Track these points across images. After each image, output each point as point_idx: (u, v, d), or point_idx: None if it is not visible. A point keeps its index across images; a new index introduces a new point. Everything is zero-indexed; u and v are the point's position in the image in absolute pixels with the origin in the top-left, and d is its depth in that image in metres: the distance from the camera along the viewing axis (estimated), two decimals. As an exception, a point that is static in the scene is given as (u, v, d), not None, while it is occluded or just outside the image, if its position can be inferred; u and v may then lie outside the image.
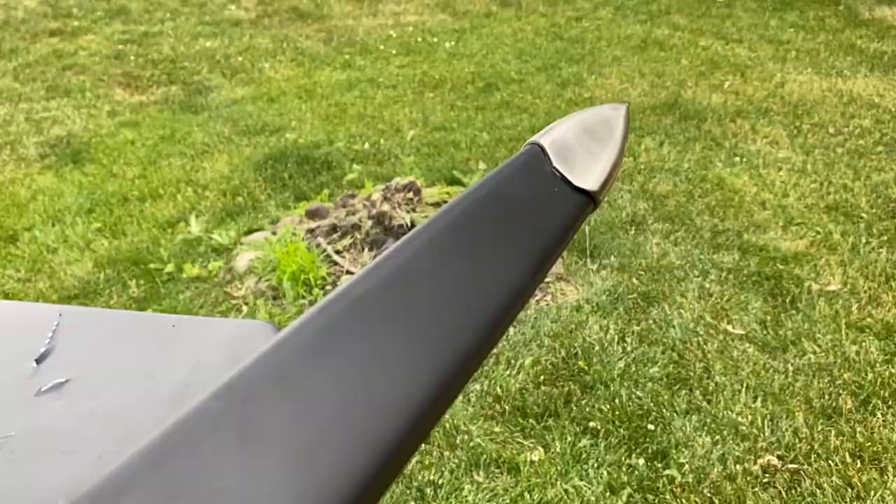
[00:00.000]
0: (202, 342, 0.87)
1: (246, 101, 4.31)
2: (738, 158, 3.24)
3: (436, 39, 5.33)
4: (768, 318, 2.15)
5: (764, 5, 5.93)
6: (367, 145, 3.61)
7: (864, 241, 2.55)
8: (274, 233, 2.79)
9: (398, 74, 4.63)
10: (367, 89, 4.40)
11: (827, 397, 1.84)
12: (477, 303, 0.27)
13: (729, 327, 2.12)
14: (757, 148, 3.34)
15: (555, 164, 0.27)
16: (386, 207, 2.67)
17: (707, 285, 2.32)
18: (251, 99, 4.34)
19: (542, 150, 0.28)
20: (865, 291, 2.28)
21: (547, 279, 2.44)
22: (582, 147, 0.27)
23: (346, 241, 2.62)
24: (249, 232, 2.87)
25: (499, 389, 1.93)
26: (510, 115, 3.87)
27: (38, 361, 0.67)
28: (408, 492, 1.64)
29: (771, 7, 5.87)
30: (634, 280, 2.37)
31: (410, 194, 2.77)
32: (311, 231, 2.74)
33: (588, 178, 0.27)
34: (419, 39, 5.36)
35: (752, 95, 4.01)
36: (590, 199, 0.28)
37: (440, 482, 1.66)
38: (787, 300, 2.22)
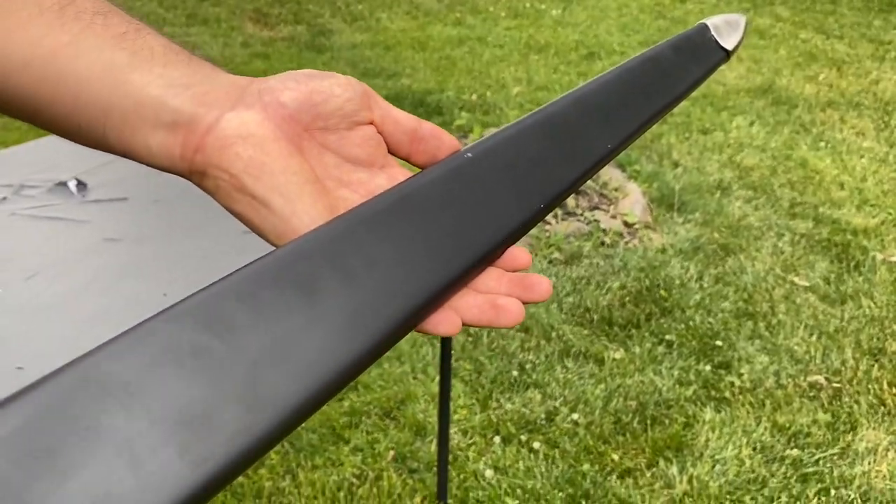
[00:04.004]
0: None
1: (364, 46, 4.69)
2: (823, 144, 3.45)
3: (543, 6, 5.60)
4: (832, 276, 2.43)
5: (870, 5, 5.97)
6: (474, 97, 3.94)
7: (932, 226, 2.78)
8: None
9: (505, 36, 4.93)
10: (475, 46, 4.73)
11: (875, 340, 2.12)
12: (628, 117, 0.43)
13: (796, 279, 2.40)
14: (843, 137, 3.54)
15: (713, 33, 0.51)
16: (497, 147, 3.01)
17: (780, 245, 2.60)
18: (369, 45, 4.72)
19: (707, 26, 0.51)
20: (926, 267, 2.52)
21: (636, 227, 2.75)
22: (724, 28, 0.51)
23: (460, 172, 2.98)
24: (372, 157, 3.26)
25: (588, 303, 2.27)
26: (610, 83, 4.14)
27: None
28: (510, 365, 2.01)
29: (877, 7, 5.91)
30: (715, 234, 2.66)
31: (519, 139, 3.10)
32: (427, 162, 3.11)
33: (728, 42, 0.51)
34: (527, 5, 5.63)
35: (846, 89, 4.17)
36: (726, 55, 0.51)
37: (537, 362, 2.02)
38: (852, 264, 2.49)
